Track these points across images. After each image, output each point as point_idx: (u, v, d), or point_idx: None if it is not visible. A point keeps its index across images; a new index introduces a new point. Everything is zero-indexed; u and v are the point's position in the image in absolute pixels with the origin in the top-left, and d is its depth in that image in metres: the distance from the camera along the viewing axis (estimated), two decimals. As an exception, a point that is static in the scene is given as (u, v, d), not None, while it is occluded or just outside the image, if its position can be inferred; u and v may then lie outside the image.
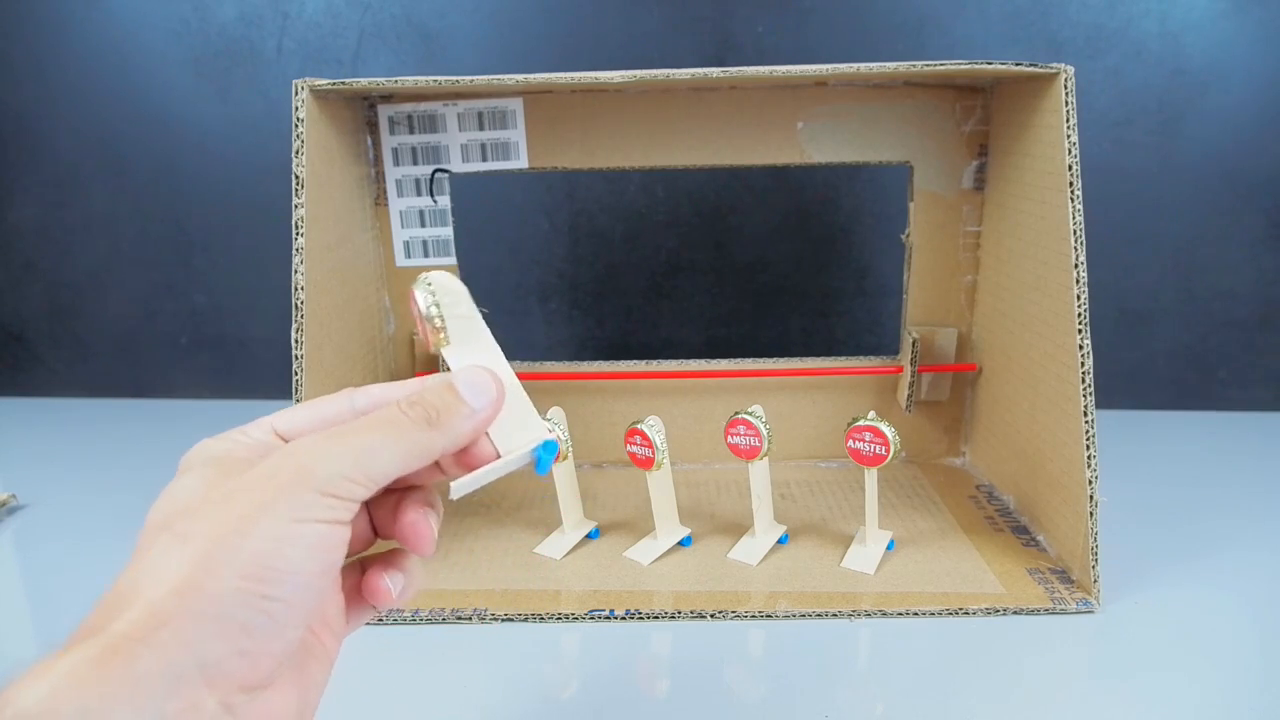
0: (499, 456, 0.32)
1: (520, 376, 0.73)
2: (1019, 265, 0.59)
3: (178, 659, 0.23)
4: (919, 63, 0.52)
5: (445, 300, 0.35)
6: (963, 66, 0.51)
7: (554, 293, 0.86)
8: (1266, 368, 0.83)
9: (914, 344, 0.66)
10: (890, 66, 0.52)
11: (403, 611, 0.50)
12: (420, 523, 0.30)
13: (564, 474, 0.57)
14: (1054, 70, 0.50)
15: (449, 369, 0.33)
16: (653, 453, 0.53)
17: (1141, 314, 0.83)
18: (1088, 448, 0.50)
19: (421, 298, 0.34)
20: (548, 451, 0.35)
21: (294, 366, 0.50)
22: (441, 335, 0.34)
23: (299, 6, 0.80)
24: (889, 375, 0.70)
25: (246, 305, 0.89)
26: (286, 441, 0.29)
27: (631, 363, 0.70)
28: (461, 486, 0.31)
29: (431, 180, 0.66)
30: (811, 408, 0.71)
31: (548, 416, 0.55)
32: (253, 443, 0.28)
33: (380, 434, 0.27)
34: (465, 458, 0.30)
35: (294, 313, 0.50)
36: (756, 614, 0.50)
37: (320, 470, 0.26)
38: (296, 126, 0.51)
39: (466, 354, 0.35)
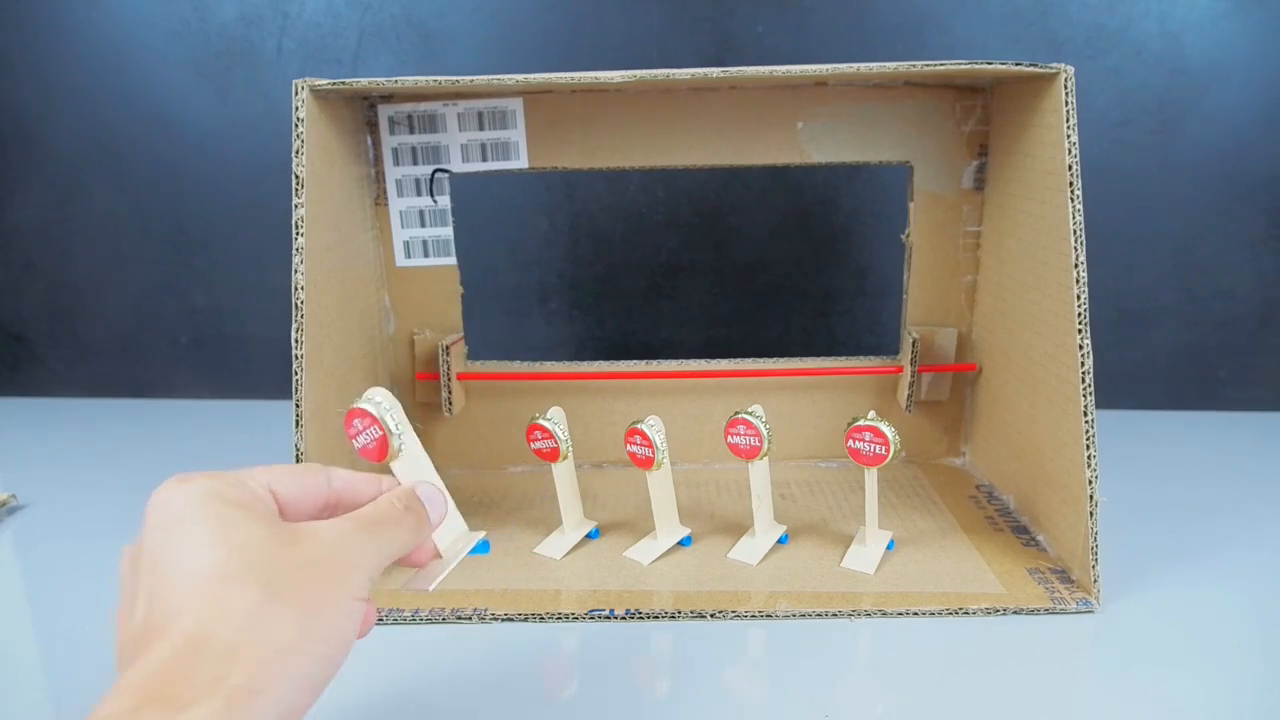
0: (435, 550, 0.39)
1: (520, 377, 0.74)
2: (1019, 265, 0.59)
3: (276, 709, 0.27)
4: (919, 63, 0.52)
5: (397, 416, 0.40)
6: (963, 66, 0.51)
7: (554, 293, 0.86)
8: (1266, 368, 0.83)
9: (914, 344, 0.66)
10: (890, 66, 0.52)
11: (403, 611, 0.50)
12: (371, 613, 0.33)
13: (564, 474, 0.57)
14: (1054, 70, 0.50)
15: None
16: (653, 453, 0.53)
17: (1141, 314, 0.83)
18: (1088, 448, 0.50)
19: (378, 412, 0.39)
20: (483, 549, 0.43)
21: (294, 366, 0.50)
22: (399, 450, 0.39)
23: (299, 6, 0.80)
24: (889, 375, 0.70)
25: (246, 305, 0.89)
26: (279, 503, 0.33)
27: (631, 363, 0.70)
28: (434, 583, 0.38)
29: (431, 180, 0.66)
30: (811, 408, 0.71)
31: (548, 416, 0.55)
32: (257, 496, 0.31)
33: (393, 531, 0.33)
34: (408, 555, 0.36)
35: (294, 313, 0.50)
36: (756, 614, 0.50)
37: (369, 559, 0.31)
38: (296, 126, 0.51)
39: (410, 466, 0.40)
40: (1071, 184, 0.50)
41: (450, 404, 0.67)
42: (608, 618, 0.50)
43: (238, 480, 0.31)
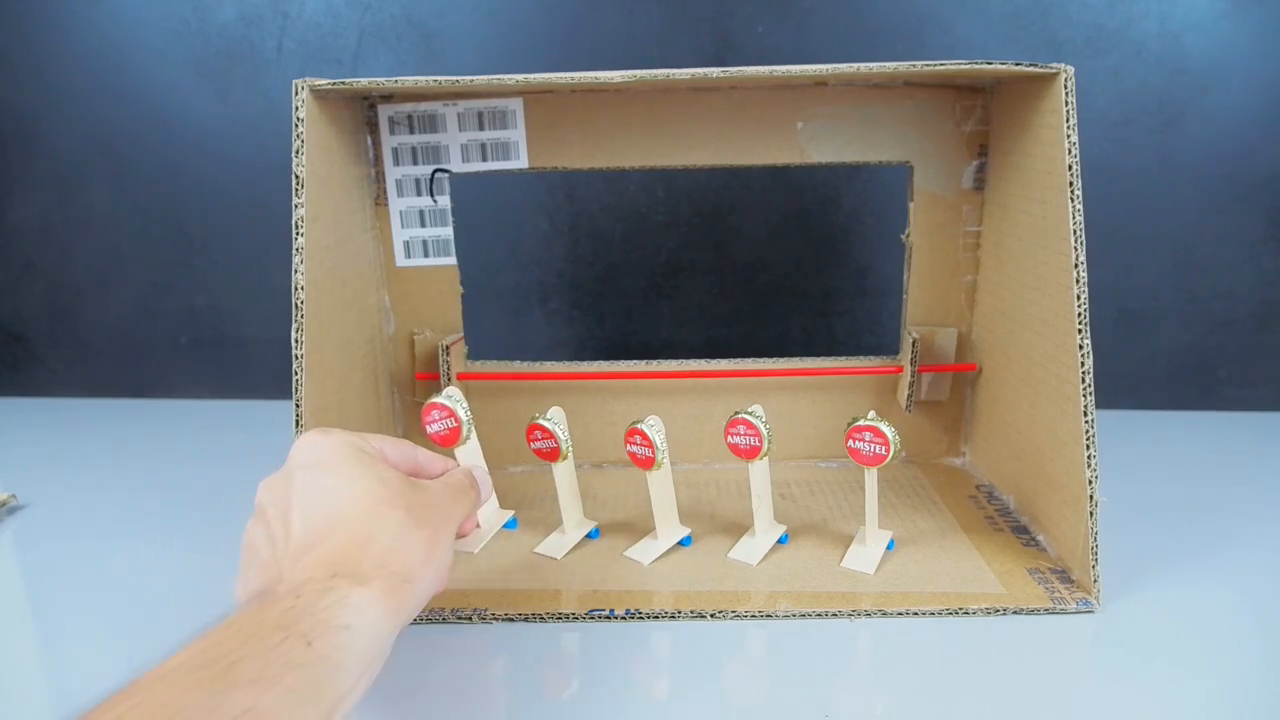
0: (477, 522, 0.52)
1: (520, 377, 0.75)
2: (1019, 265, 0.59)
3: (417, 599, 0.36)
4: (919, 63, 0.52)
5: (468, 412, 0.51)
6: (963, 66, 0.51)
7: (554, 293, 0.86)
8: (1266, 368, 0.83)
9: (914, 344, 0.66)
10: (890, 66, 0.52)
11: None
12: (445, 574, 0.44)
13: (564, 474, 0.57)
14: (1054, 70, 0.50)
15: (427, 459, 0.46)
16: (653, 453, 0.53)
17: (1141, 314, 0.83)
18: (1088, 448, 0.50)
19: (456, 408, 0.51)
20: (511, 525, 0.57)
21: (294, 366, 0.50)
22: (466, 438, 0.51)
23: (299, 6, 0.80)
24: (889, 375, 0.70)
25: (246, 305, 0.89)
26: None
27: (631, 363, 0.70)
28: (479, 546, 0.54)
29: (431, 180, 0.66)
30: (811, 408, 0.71)
31: (548, 416, 0.55)
32: (378, 452, 0.41)
33: (465, 500, 0.44)
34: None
35: (294, 313, 0.50)
36: (756, 614, 0.50)
37: (456, 514, 0.42)
38: (296, 126, 0.51)
39: (470, 452, 0.52)
40: (1071, 184, 0.50)
41: (450, 404, 0.67)
42: (608, 618, 0.50)
43: (362, 439, 0.41)
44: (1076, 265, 0.49)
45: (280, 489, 0.38)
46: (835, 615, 0.50)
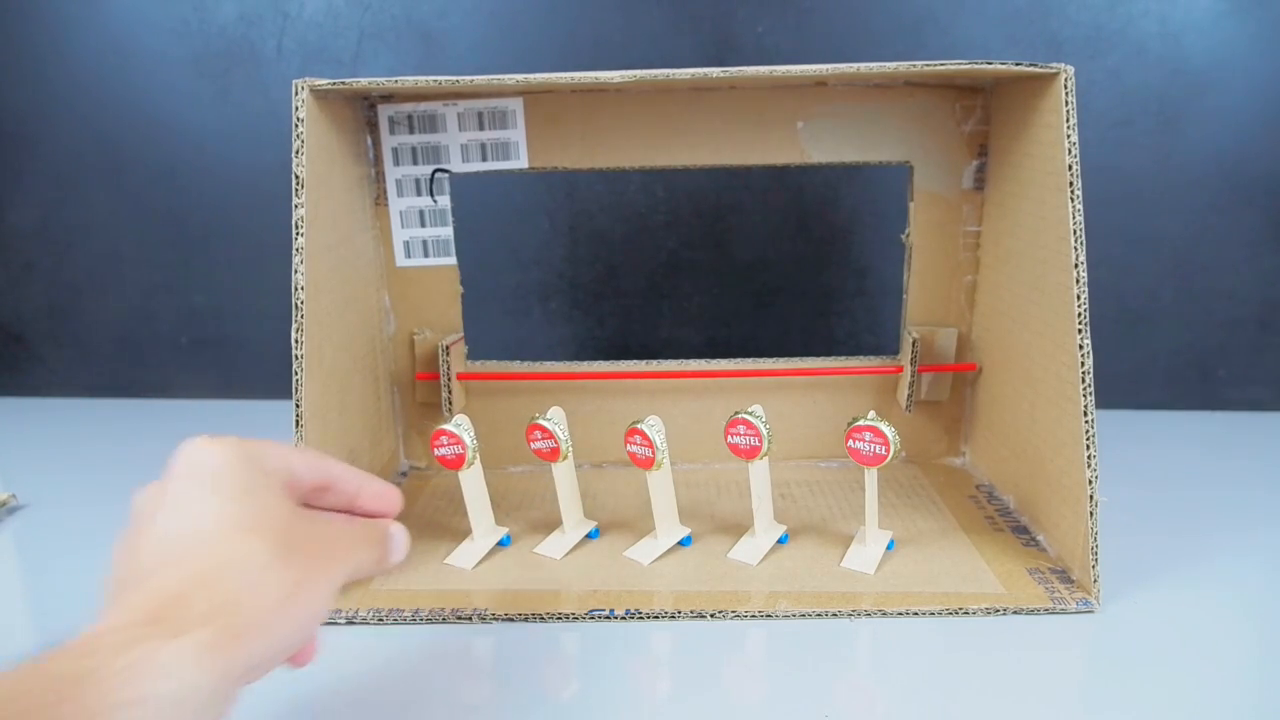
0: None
1: (520, 377, 0.76)
2: (1019, 265, 0.59)
3: (250, 660, 0.29)
4: (919, 63, 0.52)
5: (473, 436, 0.52)
6: (963, 66, 0.51)
7: (554, 293, 0.86)
8: (1266, 368, 0.83)
9: (914, 344, 0.66)
10: (890, 66, 0.52)
11: (403, 611, 0.50)
12: (314, 645, 0.37)
13: (564, 474, 0.57)
14: (1054, 70, 0.50)
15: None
16: (653, 453, 0.53)
17: (1141, 314, 0.83)
18: (1088, 448, 0.50)
19: (463, 435, 0.52)
20: (505, 542, 0.56)
21: (294, 366, 0.50)
22: (471, 463, 0.53)
23: (299, 6, 0.80)
24: (889, 375, 0.70)
25: (246, 305, 0.89)
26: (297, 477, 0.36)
27: (631, 363, 0.70)
28: (474, 563, 0.55)
29: (431, 180, 0.66)
30: (811, 408, 0.71)
31: (548, 416, 0.55)
32: (276, 467, 0.35)
33: (372, 552, 0.37)
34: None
35: (294, 313, 0.50)
36: (756, 614, 0.50)
37: (351, 561, 0.35)
38: (296, 126, 0.51)
39: (473, 477, 0.54)
40: (1071, 184, 0.50)
41: (450, 404, 0.67)
42: (608, 618, 0.50)
43: (261, 450, 0.34)
44: (1076, 265, 0.49)
45: (152, 501, 0.33)
46: (835, 615, 0.50)
